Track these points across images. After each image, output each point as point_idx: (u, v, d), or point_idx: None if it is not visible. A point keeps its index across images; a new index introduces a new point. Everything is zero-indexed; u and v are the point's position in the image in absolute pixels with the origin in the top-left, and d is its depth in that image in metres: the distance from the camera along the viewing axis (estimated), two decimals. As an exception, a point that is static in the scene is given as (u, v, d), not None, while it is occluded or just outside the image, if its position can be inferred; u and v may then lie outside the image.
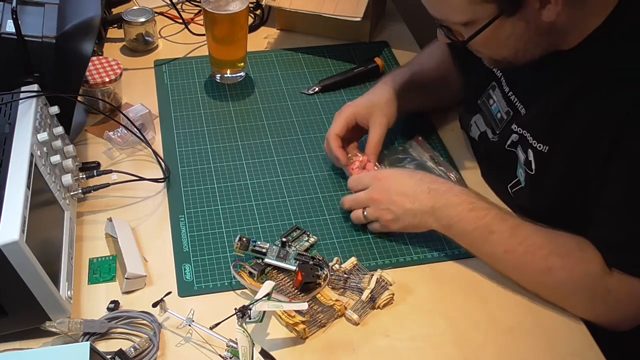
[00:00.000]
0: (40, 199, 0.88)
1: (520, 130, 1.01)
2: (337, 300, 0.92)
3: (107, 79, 1.20)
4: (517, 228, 0.93)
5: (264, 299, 0.86)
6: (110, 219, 1.01)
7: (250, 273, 0.94)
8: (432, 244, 1.02)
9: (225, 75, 1.33)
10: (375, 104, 1.12)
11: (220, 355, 0.86)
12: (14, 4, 0.99)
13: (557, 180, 0.96)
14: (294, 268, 0.95)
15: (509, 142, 1.04)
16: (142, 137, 1.14)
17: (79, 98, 1.15)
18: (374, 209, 1.00)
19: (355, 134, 1.13)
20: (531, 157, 0.99)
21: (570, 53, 0.92)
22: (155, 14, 1.41)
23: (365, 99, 1.13)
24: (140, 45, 1.40)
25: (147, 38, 1.40)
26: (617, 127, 0.86)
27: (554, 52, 0.93)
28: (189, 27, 1.46)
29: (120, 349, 0.83)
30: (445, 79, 1.21)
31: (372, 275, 0.93)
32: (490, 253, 0.95)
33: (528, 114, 1.01)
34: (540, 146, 0.97)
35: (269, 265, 0.96)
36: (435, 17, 0.93)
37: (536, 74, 0.99)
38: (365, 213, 1.01)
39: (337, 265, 0.96)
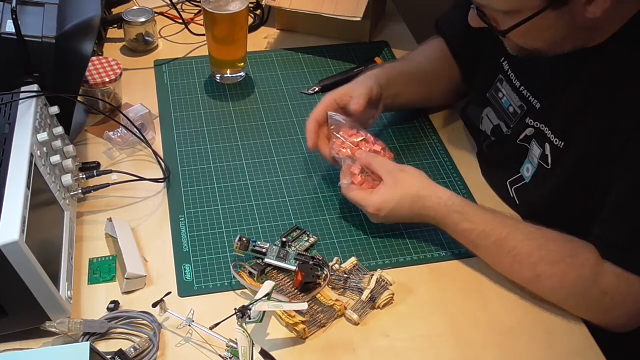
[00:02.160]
0: (40, 199, 0.88)
1: (537, 124, 1.01)
2: (337, 300, 0.92)
3: (107, 79, 1.20)
4: (503, 241, 0.93)
5: (263, 299, 0.86)
6: (110, 219, 1.01)
7: (250, 273, 0.94)
8: (432, 244, 1.02)
9: (225, 75, 1.33)
10: (353, 83, 1.11)
11: (220, 355, 0.86)
12: (13, 4, 0.99)
13: (566, 177, 0.96)
14: (294, 268, 0.95)
15: (521, 136, 1.04)
16: (142, 137, 1.14)
17: (79, 98, 1.15)
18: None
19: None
20: (548, 151, 0.99)
21: (593, 49, 0.92)
22: (155, 14, 1.41)
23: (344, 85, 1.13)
24: (140, 45, 1.40)
25: (147, 38, 1.40)
26: (632, 128, 0.87)
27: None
28: (189, 27, 1.46)
29: (120, 349, 0.83)
30: (435, 73, 1.21)
31: (372, 275, 0.93)
32: (483, 259, 0.98)
33: (544, 108, 1.01)
34: (557, 141, 0.97)
35: (269, 265, 0.96)
36: (476, 1, 0.92)
37: (551, 69, 0.98)
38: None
39: (337, 265, 0.96)
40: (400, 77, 1.16)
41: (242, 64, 1.33)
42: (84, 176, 1.04)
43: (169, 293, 0.91)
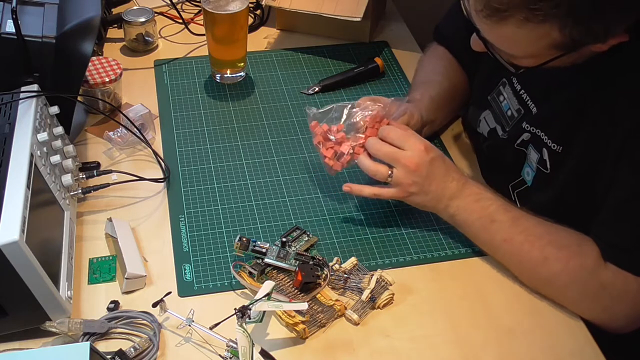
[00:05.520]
0: (40, 199, 0.88)
1: (533, 130, 1.01)
2: (337, 300, 0.92)
3: (107, 79, 1.20)
4: (519, 219, 0.95)
5: (263, 299, 0.86)
6: (110, 219, 1.01)
7: (250, 273, 0.94)
8: (432, 244, 1.02)
9: (225, 75, 1.33)
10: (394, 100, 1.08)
11: (220, 355, 0.86)
12: (14, 4, 0.99)
13: (567, 181, 0.97)
14: (294, 268, 0.95)
15: (519, 141, 1.04)
16: (142, 137, 1.14)
17: (79, 98, 1.15)
18: (405, 174, 0.97)
19: None
20: (546, 157, 0.99)
21: (590, 58, 0.92)
22: (155, 14, 1.41)
23: None
24: (140, 45, 1.40)
25: (147, 38, 1.40)
26: (630, 130, 0.87)
27: None
28: (189, 27, 1.46)
29: (120, 349, 0.83)
30: (455, 87, 1.20)
31: (372, 275, 0.93)
32: (490, 241, 0.97)
33: (541, 113, 1.01)
34: (554, 146, 0.98)
35: (269, 265, 0.96)
36: (488, 39, 0.90)
37: (551, 74, 0.98)
38: (391, 174, 0.98)
39: (337, 265, 0.96)
40: (433, 105, 1.15)
41: (242, 64, 1.33)
42: (84, 176, 1.04)
43: (169, 293, 0.91)
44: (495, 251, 0.97)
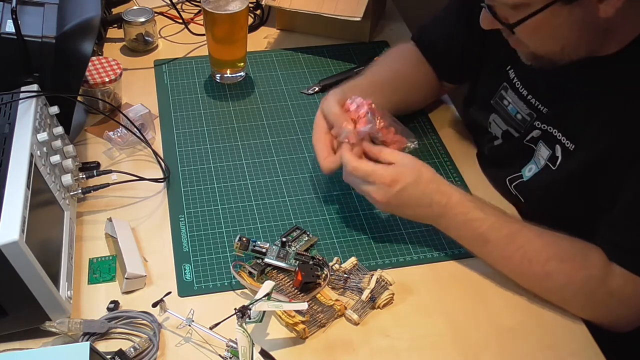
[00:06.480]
0: (40, 199, 0.88)
1: (544, 127, 1.01)
2: (337, 300, 0.92)
3: (107, 79, 1.20)
4: (515, 235, 0.93)
5: (263, 299, 0.86)
6: (110, 219, 1.01)
7: (250, 273, 0.94)
8: (432, 244, 1.02)
9: (225, 75, 1.33)
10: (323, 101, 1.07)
11: (220, 355, 0.86)
12: (13, 4, 0.99)
13: (572, 178, 0.96)
14: (294, 268, 0.95)
15: (528, 138, 1.04)
16: (142, 137, 1.14)
17: (79, 98, 1.15)
18: (376, 203, 0.98)
19: None
20: (559, 153, 0.98)
21: (607, 57, 0.91)
22: (155, 14, 1.41)
23: None
24: (140, 45, 1.40)
25: (147, 38, 1.40)
26: (630, 129, 0.87)
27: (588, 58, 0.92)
28: (189, 27, 1.46)
29: (120, 349, 0.83)
30: (405, 79, 1.19)
31: (372, 275, 0.93)
32: (487, 258, 0.96)
33: (553, 113, 1.00)
34: (567, 143, 0.97)
35: (269, 265, 0.96)
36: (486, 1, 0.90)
37: (562, 75, 0.97)
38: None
39: (337, 265, 0.96)
40: (371, 87, 1.12)
41: (242, 64, 1.33)
42: (84, 176, 1.05)
43: (169, 293, 0.91)
44: (494, 265, 0.96)
